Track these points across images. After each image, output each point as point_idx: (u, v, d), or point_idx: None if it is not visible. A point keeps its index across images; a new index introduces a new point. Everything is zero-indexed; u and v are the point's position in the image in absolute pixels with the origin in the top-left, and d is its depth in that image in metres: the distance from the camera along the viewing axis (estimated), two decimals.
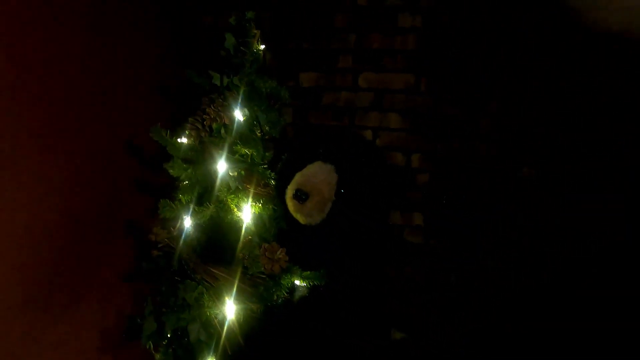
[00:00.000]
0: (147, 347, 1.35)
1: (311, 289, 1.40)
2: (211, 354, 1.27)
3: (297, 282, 1.40)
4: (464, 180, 1.89)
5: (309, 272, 1.37)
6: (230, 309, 1.21)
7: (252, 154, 1.27)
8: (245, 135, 1.24)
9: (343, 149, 1.40)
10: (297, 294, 1.44)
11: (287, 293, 1.37)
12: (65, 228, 1.24)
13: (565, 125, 1.80)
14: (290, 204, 1.25)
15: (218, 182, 1.23)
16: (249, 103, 1.32)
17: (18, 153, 1.09)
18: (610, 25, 1.58)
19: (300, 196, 1.21)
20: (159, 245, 1.38)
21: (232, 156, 1.23)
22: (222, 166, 1.24)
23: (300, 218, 1.28)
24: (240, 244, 1.25)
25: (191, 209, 1.31)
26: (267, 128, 1.39)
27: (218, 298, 1.24)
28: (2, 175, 1.05)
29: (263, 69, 1.44)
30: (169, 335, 1.25)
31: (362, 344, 1.55)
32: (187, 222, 1.33)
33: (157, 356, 1.30)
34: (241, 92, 1.31)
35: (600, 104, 1.75)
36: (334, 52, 1.88)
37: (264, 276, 1.29)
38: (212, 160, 1.25)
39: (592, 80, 1.75)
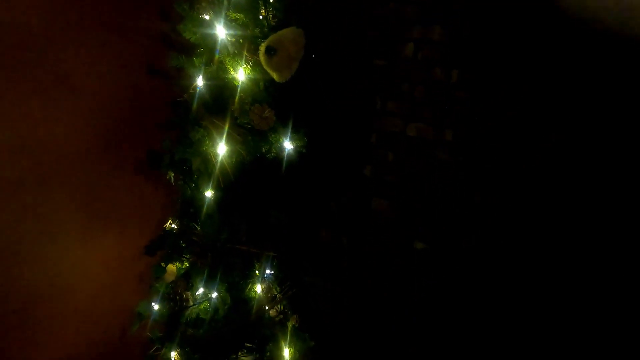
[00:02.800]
0: (167, 177, 1.77)
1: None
2: (210, 184, 1.66)
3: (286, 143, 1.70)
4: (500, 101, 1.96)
5: (293, 134, 1.66)
6: (221, 149, 1.56)
7: (248, 21, 1.49)
8: (241, 4, 1.45)
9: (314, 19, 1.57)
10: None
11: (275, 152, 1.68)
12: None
13: None
14: (262, 58, 1.48)
15: (219, 45, 1.49)
16: None
17: None
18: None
19: (270, 51, 1.44)
20: (178, 99, 1.73)
21: (229, 22, 1.47)
22: (221, 31, 1.49)
23: (272, 74, 1.51)
24: (236, 100, 1.54)
25: (202, 70, 1.61)
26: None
27: (216, 140, 1.58)
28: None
29: None
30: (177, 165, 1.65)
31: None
32: (200, 81, 1.65)
33: (170, 174, 1.70)
34: None
35: None
36: None
37: (253, 129, 1.59)
38: (213, 25, 1.50)
39: None
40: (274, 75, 1.49)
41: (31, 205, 1.55)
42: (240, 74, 1.53)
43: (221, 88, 1.57)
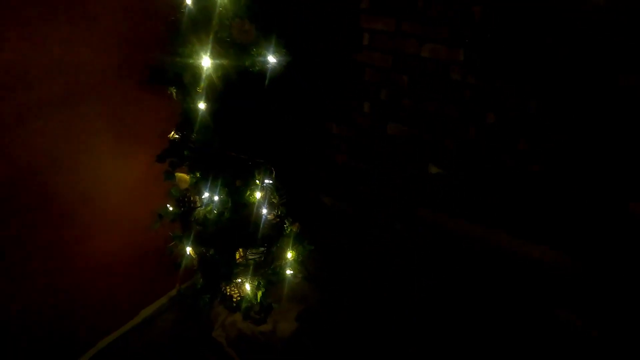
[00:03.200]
0: (169, 92, 1.98)
1: None
2: (202, 97, 1.84)
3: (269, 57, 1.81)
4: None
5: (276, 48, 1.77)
6: (206, 62, 1.71)
7: None
8: None
9: None
10: None
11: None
12: None
13: None
14: None
15: None
16: None
17: None
18: None
19: None
20: (172, 18, 1.88)
21: None
22: None
23: None
24: (214, 15, 1.66)
25: None
26: None
27: (200, 54, 1.74)
28: None
29: None
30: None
31: None
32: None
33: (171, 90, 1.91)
34: None
35: None
36: None
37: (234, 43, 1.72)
38: None
39: None
40: None
41: (66, 122, 1.86)
42: None
43: (205, 5, 1.69)
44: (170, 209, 2.18)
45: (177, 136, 1.96)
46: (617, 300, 1.92)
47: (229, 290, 2.31)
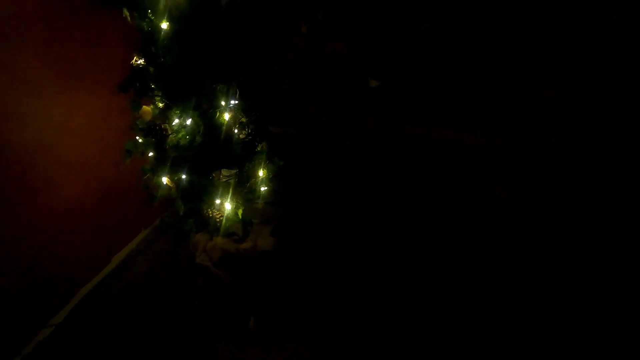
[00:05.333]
0: (123, 15, 1.92)
1: None
2: (164, 17, 1.83)
3: None
4: None
5: None
6: None
7: None
8: None
9: None
10: None
11: None
12: None
13: None
14: None
15: None
16: None
17: None
18: None
19: None
20: None
21: None
22: None
23: None
24: None
25: None
26: None
27: None
28: None
29: None
30: None
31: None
32: None
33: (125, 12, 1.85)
34: None
35: None
36: None
37: None
38: None
39: None
40: None
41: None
42: None
43: None
44: (140, 140, 2.18)
45: (140, 62, 1.94)
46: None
47: (210, 212, 2.43)
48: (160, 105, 2.17)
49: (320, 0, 2.49)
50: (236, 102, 2.22)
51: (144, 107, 2.17)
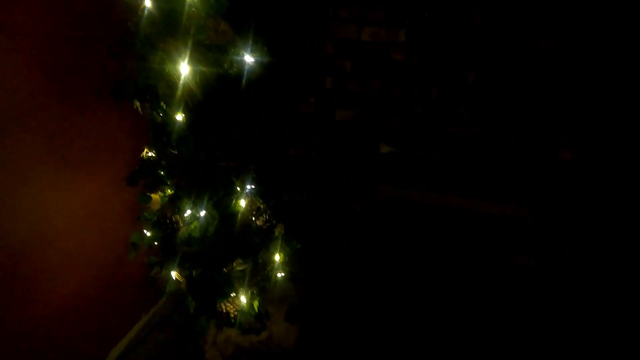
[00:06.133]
0: (134, 106, 1.77)
1: None
2: (179, 107, 1.68)
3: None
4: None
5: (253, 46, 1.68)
6: (184, 69, 1.56)
7: None
8: None
9: None
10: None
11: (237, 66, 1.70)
12: None
13: None
14: None
15: None
16: None
17: None
18: None
19: None
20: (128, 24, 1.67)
21: None
22: None
23: None
24: (185, 16, 1.52)
25: None
26: None
27: (177, 61, 1.57)
28: None
29: None
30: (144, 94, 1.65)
31: None
32: (147, 1, 1.58)
33: (136, 103, 1.70)
34: None
35: None
36: None
37: (211, 45, 1.59)
38: None
39: None
40: None
41: None
42: None
43: (171, 6, 1.53)
44: (148, 234, 1.97)
45: (151, 154, 1.76)
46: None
47: (224, 307, 2.19)
48: (169, 192, 1.99)
49: (329, 67, 2.41)
50: (253, 186, 2.05)
51: (152, 195, 1.98)
